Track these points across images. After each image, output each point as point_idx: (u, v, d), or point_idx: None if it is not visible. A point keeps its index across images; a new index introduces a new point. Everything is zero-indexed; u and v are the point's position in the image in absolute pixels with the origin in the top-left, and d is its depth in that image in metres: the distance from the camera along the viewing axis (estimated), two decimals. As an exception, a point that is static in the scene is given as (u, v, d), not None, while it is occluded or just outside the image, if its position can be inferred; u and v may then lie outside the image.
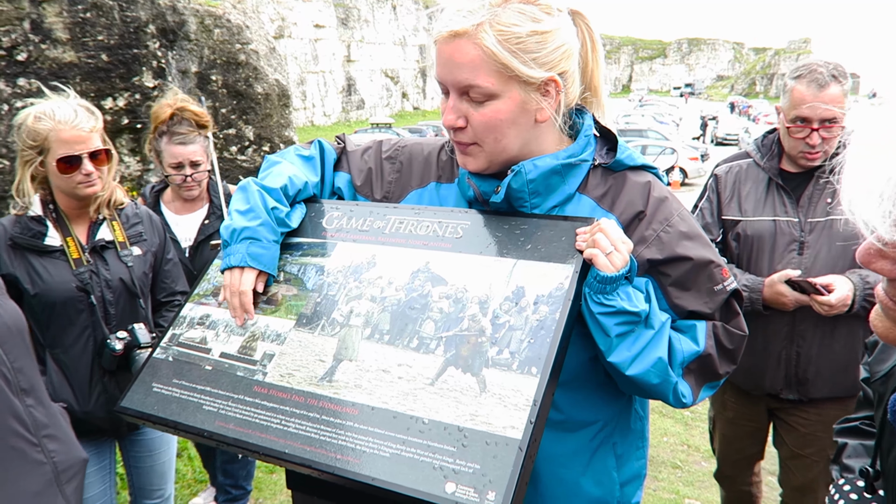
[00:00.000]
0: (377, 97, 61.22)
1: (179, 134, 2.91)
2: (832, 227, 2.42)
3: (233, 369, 1.38)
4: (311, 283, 1.46)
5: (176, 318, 1.54)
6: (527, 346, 1.20)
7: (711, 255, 1.37)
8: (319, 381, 1.30)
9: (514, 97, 1.28)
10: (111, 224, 2.43)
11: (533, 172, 1.35)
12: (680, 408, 1.41)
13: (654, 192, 1.40)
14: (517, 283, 1.29)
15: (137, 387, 1.44)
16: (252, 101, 6.98)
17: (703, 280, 1.36)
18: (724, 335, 1.38)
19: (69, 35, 6.22)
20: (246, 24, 7.24)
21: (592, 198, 1.40)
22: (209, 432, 1.30)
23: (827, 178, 2.47)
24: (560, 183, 1.39)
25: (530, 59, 1.26)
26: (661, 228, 1.36)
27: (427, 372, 1.24)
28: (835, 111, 2.40)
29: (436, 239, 1.42)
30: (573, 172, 1.40)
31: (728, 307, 1.41)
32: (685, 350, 1.35)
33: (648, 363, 1.29)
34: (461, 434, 1.14)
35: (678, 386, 1.34)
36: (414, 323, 1.31)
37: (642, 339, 1.29)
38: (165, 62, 6.68)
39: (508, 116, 1.29)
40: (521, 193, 1.37)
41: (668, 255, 1.35)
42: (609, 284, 1.24)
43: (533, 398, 1.14)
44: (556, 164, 1.36)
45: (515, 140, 1.34)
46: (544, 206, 1.39)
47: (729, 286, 1.39)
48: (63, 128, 2.20)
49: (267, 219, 1.45)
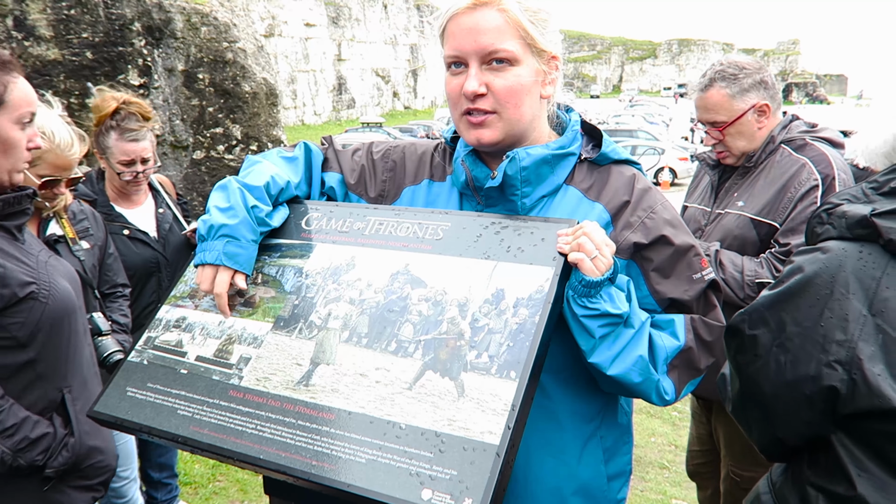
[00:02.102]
0: (368, 96, 61.13)
1: (130, 130, 2.80)
2: (724, 219, 2.51)
3: (208, 373, 1.36)
4: (289, 285, 1.44)
5: (151, 320, 1.51)
6: (506, 350, 1.19)
7: (692, 242, 1.41)
8: (296, 386, 1.27)
9: (531, 65, 1.36)
10: (60, 221, 2.47)
11: (526, 160, 1.38)
12: (662, 405, 1.38)
13: (638, 183, 1.44)
14: (497, 286, 1.27)
15: (111, 391, 1.42)
16: (239, 100, 6.93)
17: (683, 266, 1.39)
18: (702, 328, 1.39)
19: (53, 32, 6.15)
20: (233, 22, 7.19)
21: (579, 189, 1.44)
22: (183, 437, 1.28)
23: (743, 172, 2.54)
24: (549, 173, 1.42)
25: (544, 31, 1.36)
26: (646, 215, 1.40)
27: (405, 376, 1.22)
28: (714, 115, 2.49)
29: (416, 240, 1.40)
30: (561, 164, 1.44)
31: (706, 298, 1.42)
32: (668, 346, 1.35)
33: (630, 362, 1.30)
34: (438, 439, 1.12)
35: (661, 383, 1.35)
36: (392, 326, 1.29)
37: (622, 338, 1.30)
38: (151, 60, 6.62)
39: (528, 83, 1.36)
40: (513, 181, 1.39)
41: (652, 238, 1.38)
42: (594, 288, 1.25)
43: (511, 403, 1.12)
44: (548, 154, 1.40)
45: (528, 111, 1.39)
46: (534, 196, 1.42)
47: (707, 276, 1.41)
48: (58, 153, 2.22)
49: (246, 216, 1.42)
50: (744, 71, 2.45)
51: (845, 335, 1.18)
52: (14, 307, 1.61)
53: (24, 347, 1.63)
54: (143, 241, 2.94)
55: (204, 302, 1.49)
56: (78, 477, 1.76)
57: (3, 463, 1.58)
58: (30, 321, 1.64)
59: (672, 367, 1.37)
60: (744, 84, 2.44)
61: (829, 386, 1.18)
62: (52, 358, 1.71)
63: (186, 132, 6.96)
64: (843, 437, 1.21)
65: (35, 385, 1.67)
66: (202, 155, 6.94)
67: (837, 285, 1.20)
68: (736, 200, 2.49)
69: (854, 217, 1.25)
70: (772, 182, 2.40)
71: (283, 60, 47.29)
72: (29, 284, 1.65)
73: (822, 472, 1.25)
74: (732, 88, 2.44)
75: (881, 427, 1.15)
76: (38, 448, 1.63)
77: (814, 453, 1.28)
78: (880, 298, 1.17)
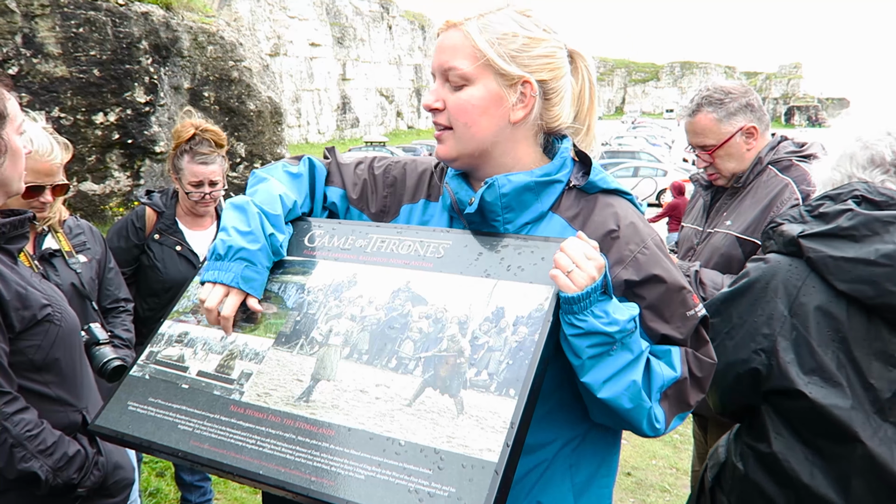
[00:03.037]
0: (372, 115, 61.51)
1: (201, 154, 2.98)
2: (713, 238, 2.58)
3: (209, 388, 1.37)
4: (291, 301, 1.45)
5: (154, 335, 1.52)
6: (505, 368, 1.19)
7: (683, 281, 1.37)
8: (296, 401, 1.28)
9: (487, 86, 1.35)
10: (56, 235, 2.51)
11: (506, 187, 1.37)
12: (653, 434, 1.33)
13: (626, 214, 1.40)
14: (497, 304, 1.28)
15: (112, 405, 1.42)
16: (244, 118, 6.99)
17: (676, 304, 1.34)
18: (694, 363, 1.35)
19: (61, 50, 6.22)
20: (240, 42, 7.27)
21: (564, 217, 1.41)
22: (183, 452, 1.28)
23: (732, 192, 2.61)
24: (533, 200, 1.40)
25: (507, 53, 1.34)
26: (638, 250, 1.35)
27: (405, 393, 1.23)
28: (703, 139, 2.56)
29: (417, 258, 1.42)
30: (547, 191, 1.41)
31: (698, 334, 1.38)
32: (665, 375, 1.31)
33: (622, 386, 1.25)
34: (437, 456, 1.12)
35: (653, 411, 1.30)
36: (393, 343, 1.30)
37: (618, 361, 1.25)
38: (158, 78, 6.69)
39: (479, 103, 1.35)
40: (493, 207, 1.38)
41: (643, 276, 1.33)
42: (575, 304, 1.20)
43: (510, 420, 1.13)
44: (530, 181, 1.38)
45: (486, 131, 1.37)
46: (517, 223, 1.40)
47: (699, 312, 1.37)
48: (38, 159, 2.24)
49: (265, 244, 1.43)
50: (729, 95, 2.52)
51: (769, 329, 1.52)
52: (31, 329, 1.61)
53: (39, 371, 1.62)
54: (188, 261, 3.03)
55: (206, 317, 1.50)
56: (103, 495, 1.76)
57: (45, 483, 1.57)
58: (45, 344, 1.63)
59: (664, 396, 1.32)
60: (730, 108, 2.51)
61: (753, 368, 1.54)
62: (67, 380, 1.71)
63: (191, 149, 7.00)
64: (768, 408, 1.56)
65: (55, 408, 1.66)
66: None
67: (769, 289, 1.54)
68: (725, 220, 2.56)
69: (787, 236, 1.56)
70: (757, 202, 2.46)
71: (288, 79, 47.68)
72: (46, 307, 1.65)
73: (753, 434, 1.60)
74: (719, 113, 2.51)
75: (789, 403, 1.49)
76: (74, 466, 1.63)
77: (751, 419, 1.62)
78: (798, 303, 1.50)
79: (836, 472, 1.44)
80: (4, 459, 1.50)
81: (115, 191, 6.59)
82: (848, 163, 1.58)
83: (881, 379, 1.42)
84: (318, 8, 54.81)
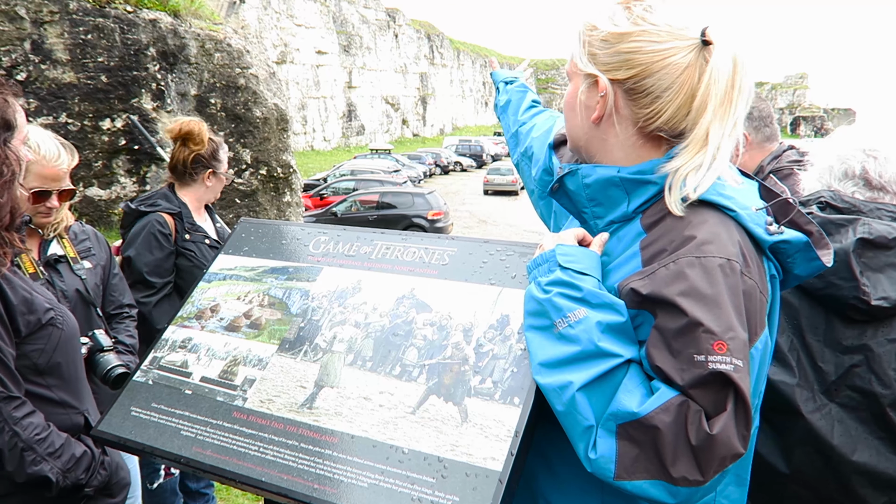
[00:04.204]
0: (377, 123, 61.67)
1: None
2: None
3: (213, 394, 1.36)
4: (295, 307, 1.45)
5: (157, 340, 1.52)
6: (510, 376, 1.19)
7: (708, 321, 1.06)
8: (299, 408, 1.27)
9: (576, 84, 1.32)
10: (61, 241, 2.51)
11: (590, 177, 1.28)
12: (589, 468, 1.08)
13: (696, 230, 1.15)
14: (502, 312, 1.28)
15: (115, 410, 1.42)
16: (250, 125, 7.01)
17: (683, 339, 1.08)
18: (693, 424, 1.04)
19: (69, 56, 6.26)
20: (246, 49, 7.30)
21: (643, 223, 1.24)
22: (186, 458, 1.28)
23: None
24: (622, 198, 1.27)
25: (589, 51, 1.28)
26: (664, 264, 1.13)
27: (409, 400, 1.22)
28: None
29: (422, 265, 1.41)
30: (638, 192, 1.25)
31: (711, 393, 1.05)
32: (623, 403, 1.07)
33: (555, 381, 1.10)
34: (441, 465, 1.11)
35: (593, 436, 1.08)
36: (397, 350, 1.30)
37: (558, 349, 1.12)
38: (165, 84, 6.72)
39: (569, 101, 1.34)
40: (578, 196, 1.31)
41: (650, 292, 1.12)
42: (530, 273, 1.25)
43: (515, 429, 1.12)
44: (615, 176, 1.25)
45: (576, 129, 1.34)
46: (605, 219, 1.30)
47: (717, 365, 1.04)
48: (45, 164, 2.25)
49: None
50: None
51: None
52: (36, 333, 1.62)
53: (41, 374, 1.63)
54: (216, 249, 3.06)
55: (210, 323, 1.50)
56: (106, 495, 1.76)
57: (55, 485, 1.57)
58: (48, 348, 1.64)
59: (628, 437, 1.07)
60: None
61: None
62: (69, 382, 1.72)
63: (197, 156, 7.03)
64: None
65: (59, 411, 1.67)
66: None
67: None
68: None
69: None
70: None
71: (294, 87, 47.88)
72: (49, 311, 1.66)
73: None
74: None
75: None
76: (82, 467, 1.63)
77: None
78: None
79: (782, 443, 1.60)
80: (15, 463, 1.50)
81: (121, 196, 6.61)
82: (827, 174, 1.74)
83: (829, 363, 1.57)
84: (325, 16, 55.07)
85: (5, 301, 1.54)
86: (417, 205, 17.64)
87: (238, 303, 1.51)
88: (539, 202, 1.85)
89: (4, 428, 1.48)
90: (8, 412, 1.49)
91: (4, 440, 1.48)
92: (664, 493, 1.06)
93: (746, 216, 1.19)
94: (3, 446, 1.48)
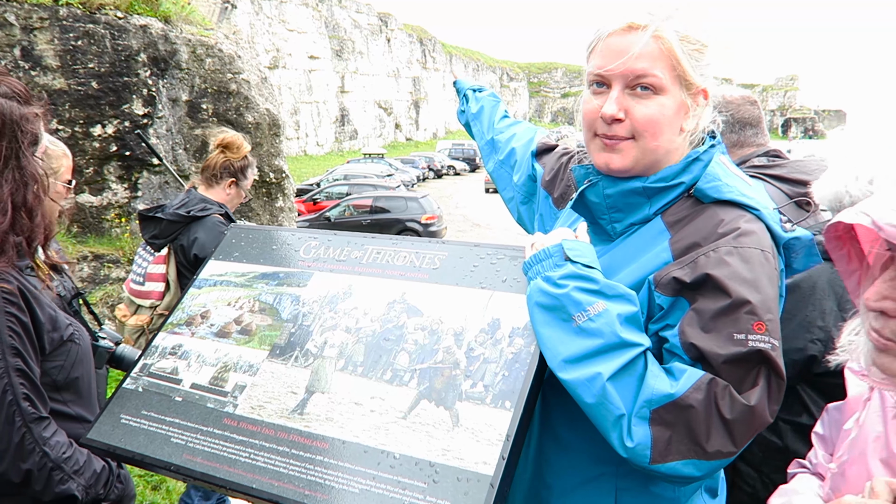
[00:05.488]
0: (370, 127, 61.67)
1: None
2: None
3: (203, 401, 1.35)
4: (285, 313, 1.44)
5: (147, 347, 1.51)
6: (501, 380, 1.18)
7: (753, 299, 1.14)
8: (290, 414, 1.27)
9: (676, 97, 1.29)
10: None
11: (612, 189, 1.33)
12: (625, 454, 1.12)
13: (726, 227, 1.23)
14: (493, 315, 1.28)
15: (105, 418, 1.41)
16: (242, 130, 6.99)
17: (724, 319, 1.14)
18: (723, 399, 1.10)
19: (59, 62, 6.24)
20: (238, 54, 7.29)
21: (665, 222, 1.30)
22: (176, 466, 1.27)
23: None
24: (644, 204, 1.33)
25: (696, 64, 1.29)
26: (704, 253, 1.20)
27: (400, 405, 1.22)
28: None
29: (413, 269, 1.41)
30: (660, 196, 1.32)
31: (745, 369, 1.12)
32: (655, 388, 1.12)
33: (583, 375, 1.12)
34: (432, 469, 1.11)
35: (627, 424, 1.12)
36: (388, 354, 1.29)
37: (582, 343, 1.14)
38: (156, 90, 6.70)
39: (669, 114, 1.29)
40: (598, 206, 1.36)
41: (695, 277, 1.17)
42: (528, 268, 1.26)
43: (506, 433, 1.12)
44: (638, 186, 1.31)
45: (665, 143, 1.30)
46: (626, 222, 1.35)
47: (756, 343, 1.12)
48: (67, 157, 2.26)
49: None
50: None
51: (823, 322, 1.78)
52: (57, 350, 1.61)
53: (59, 391, 1.63)
54: None
55: (200, 329, 1.49)
56: None
57: (80, 501, 1.57)
58: (67, 364, 1.64)
59: (661, 420, 1.11)
60: None
61: (811, 355, 1.78)
62: (84, 398, 1.71)
63: (189, 161, 7.01)
64: (804, 387, 1.85)
65: (75, 426, 1.66)
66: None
67: (818, 289, 1.80)
68: None
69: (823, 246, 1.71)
70: None
71: (286, 92, 47.84)
72: (69, 326, 1.66)
73: (789, 410, 1.81)
74: None
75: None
76: (101, 482, 1.63)
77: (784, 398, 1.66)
78: (844, 299, 1.78)
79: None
80: (43, 483, 1.49)
81: (112, 203, 6.58)
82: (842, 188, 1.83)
83: None
84: (317, 21, 55.08)
85: (35, 320, 1.54)
86: (411, 209, 17.63)
87: (229, 309, 1.51)
88: (520, 206, 1.89)
89: (35, 449, 1.48)
90: (38, 433, 1.49)
91: (35, 461, 1.48)
92: (693, 469, 1.12)
93: (767, 214, 1.27)
94: (32, 467, 1.47)
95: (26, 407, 1.47)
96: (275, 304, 1.47)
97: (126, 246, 6.52)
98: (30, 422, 1.47)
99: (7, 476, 1.46)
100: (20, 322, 1.48)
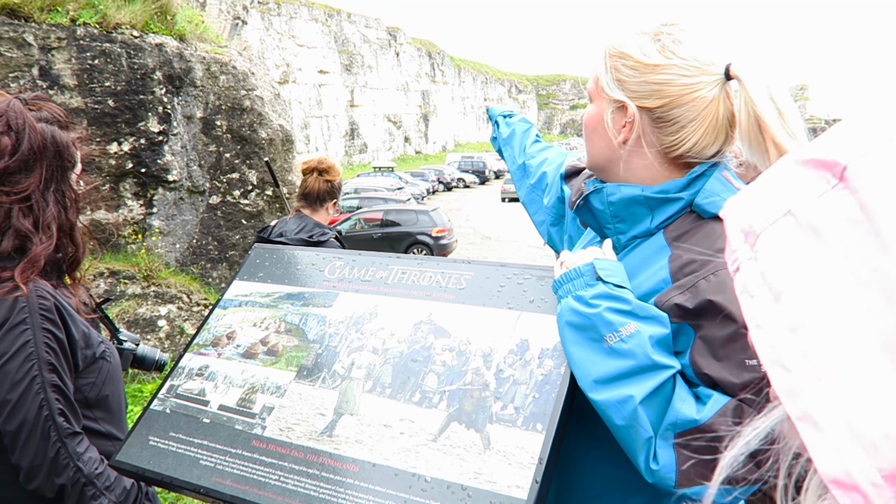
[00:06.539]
0: (380, 141, 61.93)
1: None
2: None
3: (231, 422, 1.36)
4: (312, 333, 1.44)
5: (174, 368, 1.52)
6: (532, 402, 1.18)
7: None
8: (319, 436, 1.27)
9: (598, 107, 1.36)
10: None
11: (615, 196, 1.34)
12: (650, 479, 1.12)
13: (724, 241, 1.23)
14: (521, 336, 1.27)
15: (133, 440, 1.41)
16: (256, 146, 7.04)
17: (734, 345, 1.13)
18: None
19: (76, 81, 6.32)
20: (251, 71, 7.35)
21: (667, 237, 1.31)
22: (206, 489, 1.27)
23: None
24: (646, 215, 1.33)
25: (616, 77, 1.31)
26: (704, 276, 1.19)
27: (430, 427, 1.21)
28: None
29: (438, 290, 1.41)
30: (662, 209, 1.32)
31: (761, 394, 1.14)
32: (681, 412, 1.11)
33: (614, 397, 1.12)
34: (465, 493, 1.10)
35: (654, 447, 1.12)
36: (416, 376, 1.29)
37: (614, 364, 1.14)
38: (171, 108, 6.77)
39: (590, 122, 1.38)
40: (602, 214, 1.37)
41: (697, 303, 1.16)
42: (559, 288, 1.24)
43: (539, 456, 1.11)
44: (639, 195, 1.32)
45: (597, 149, 1.37)
46: (629, 234, 1.36)
47: None
48: None
49: None
50: None
51: None
52: (89, 367, 1.63)
53: (90, 408, 1.64)
54: None
55: (227, 350, 1.49)
56: None
57: None
58: (98, 381, 1.65)
59: (685, 445, 1.11)
60: None
61: None
62: (114, 415, 1.73)
63: (203, 177, 7.06)
64: None
65: (105, 443, 1.67)
66: (218, 200, 7.03)
67: None
68: None
69: None
70: None
71: (296, 106, 48.15)
72: (101, 343, 1.67)
73: None
74: None
75: None
76: (131, 499, 1.64)
77: None
78: None
79: None
80: (75, 498, 1.51)
81: (127, 219, 6.64)
82: None
83: None
84: (327, 36, 55.53)
85: (70, 337, 1.55)
86: (421, 222, 17.66)
87: (254, 329, 1.51)
88: (550, 228, 1.90)
89: (69, 464, 1.49)
90: (73, 448, 1.50)
91: (69, 476, 1.49)
92: (719, 494, 1.05)
93: None
94: (66, 482, 1.48)
95: (61, 422, 1.48)
96: (301, 324, 1.47)
97: (141, 262, 6.56)
98: (64, 437, 1.48)
99: (41, 491, 1.47)
100: (56, 338, 1.50)
